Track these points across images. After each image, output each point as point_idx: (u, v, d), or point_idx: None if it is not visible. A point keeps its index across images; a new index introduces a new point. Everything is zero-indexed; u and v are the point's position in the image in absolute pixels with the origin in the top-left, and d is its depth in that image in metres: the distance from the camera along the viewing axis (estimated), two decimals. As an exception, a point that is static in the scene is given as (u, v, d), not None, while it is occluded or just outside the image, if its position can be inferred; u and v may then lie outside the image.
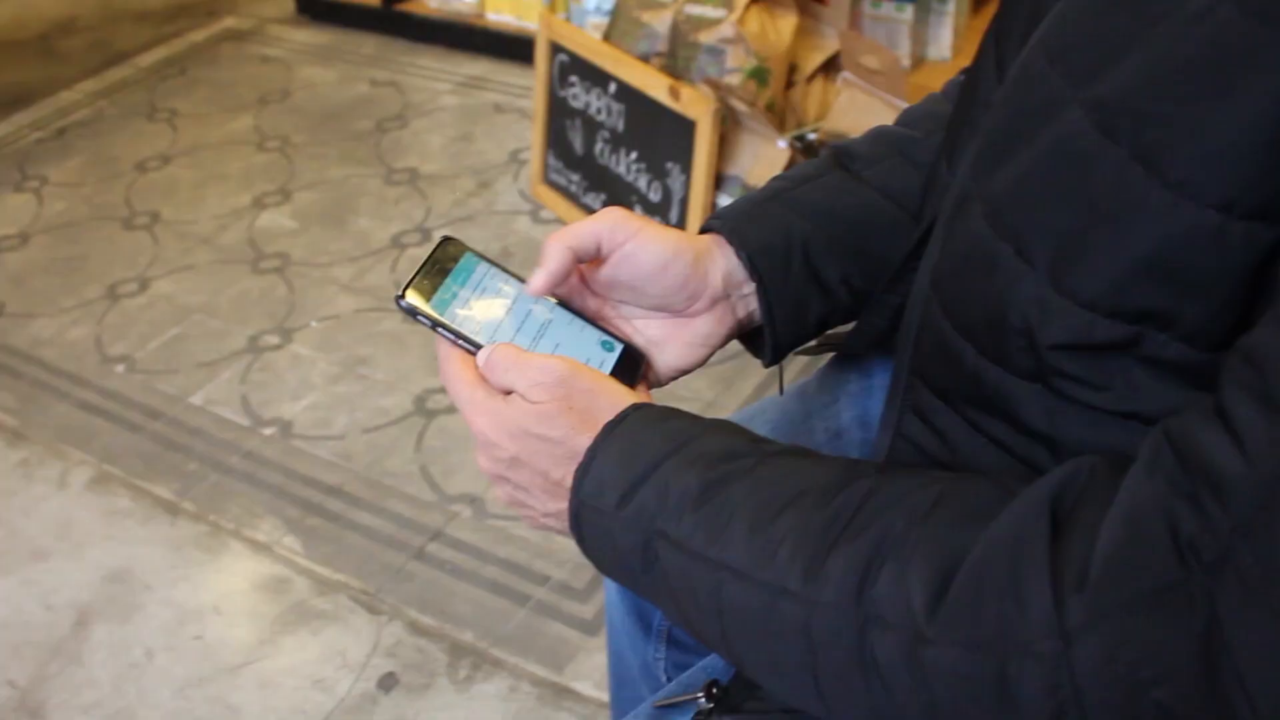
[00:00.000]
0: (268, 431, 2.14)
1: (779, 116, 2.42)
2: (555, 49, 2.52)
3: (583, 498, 0.69)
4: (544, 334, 0.78)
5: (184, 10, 3.85)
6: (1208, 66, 0.52)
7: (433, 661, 1.73)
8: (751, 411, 1.03)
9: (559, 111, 2.55)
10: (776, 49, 2.33)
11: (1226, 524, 0.50)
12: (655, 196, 2.30)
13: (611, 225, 0.78)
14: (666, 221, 2.28)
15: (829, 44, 2.44)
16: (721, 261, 0.81)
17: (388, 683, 1.71)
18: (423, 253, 2.49)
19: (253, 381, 2.26)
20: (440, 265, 0.79)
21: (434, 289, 0.77)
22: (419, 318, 0.76)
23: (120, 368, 2.33)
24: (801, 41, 2.43)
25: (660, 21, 2.42)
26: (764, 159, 2.13)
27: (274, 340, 2.35)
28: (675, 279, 0.79)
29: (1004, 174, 0.61)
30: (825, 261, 0.83)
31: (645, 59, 2.43)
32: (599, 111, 2.42)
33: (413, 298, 0.76)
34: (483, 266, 0.80)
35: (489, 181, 2.78)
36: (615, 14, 2.53)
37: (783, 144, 2.08)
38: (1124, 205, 0.55)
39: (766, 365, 0.86)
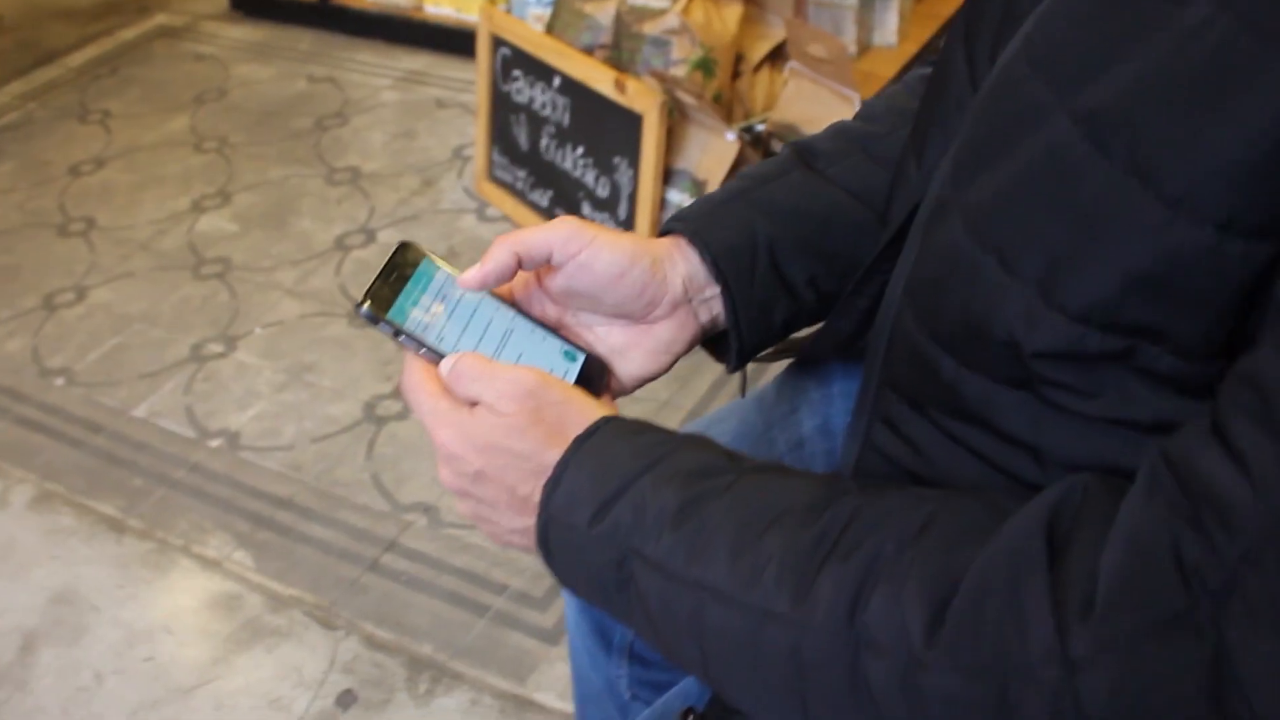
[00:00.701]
0: (214, 443, 2.09)
1: (726, 107, 2.39)
2: (497, 42, 2.48)
3: (552, 513, 0.66)
4: (506, 343, 0.76)
5: (113, 7, 3.76)
6: (1206, 81, 0.50)
7: (391, 676, 1.70)
8: (708, 421, 1.01)
9: (503, 106, 2.51)
10: (722, 39, 2.31)
11: (1233, 552, 0.49)
12: (603, 192, 2.27)
13: (565, 235, 0.75)
14: (615, 217, 2.25)
15: (775, 33, 2.42)
16: (682, 265, 0.79)
17: (346, 700, 1.67)
18: (369, 255, 2.47)
19: (197, 392, 2.21)
20: (399, 271, 0.76)
21: (394, 296, 0.74)
22: (380, 326, 0.73)
23: (60, 381, 2.27)
24: (747, 30, 2.41)
25: (603, 13, 2.39)
26: (713, 152, 2.10)
27: (218, 348, 2.30)
28: (633, 286, 0.77)
29: (985, 184, 0.59)
30: (791, 262, 0.80)
31: (589, 51, 2.39)
32: (543, 106, 2.38)
33: (373, 305, 0.73)
34: (442, 272, 0.78)
35: (433, 179, 2.74)
36: (557, 5, 2.49)
37: (731, 136, 2.06)
38: (1118, 220, 0.53)
39: (730, 371, 0.84)
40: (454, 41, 3.20)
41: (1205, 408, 0.53)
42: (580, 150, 2.31)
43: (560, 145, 2.36)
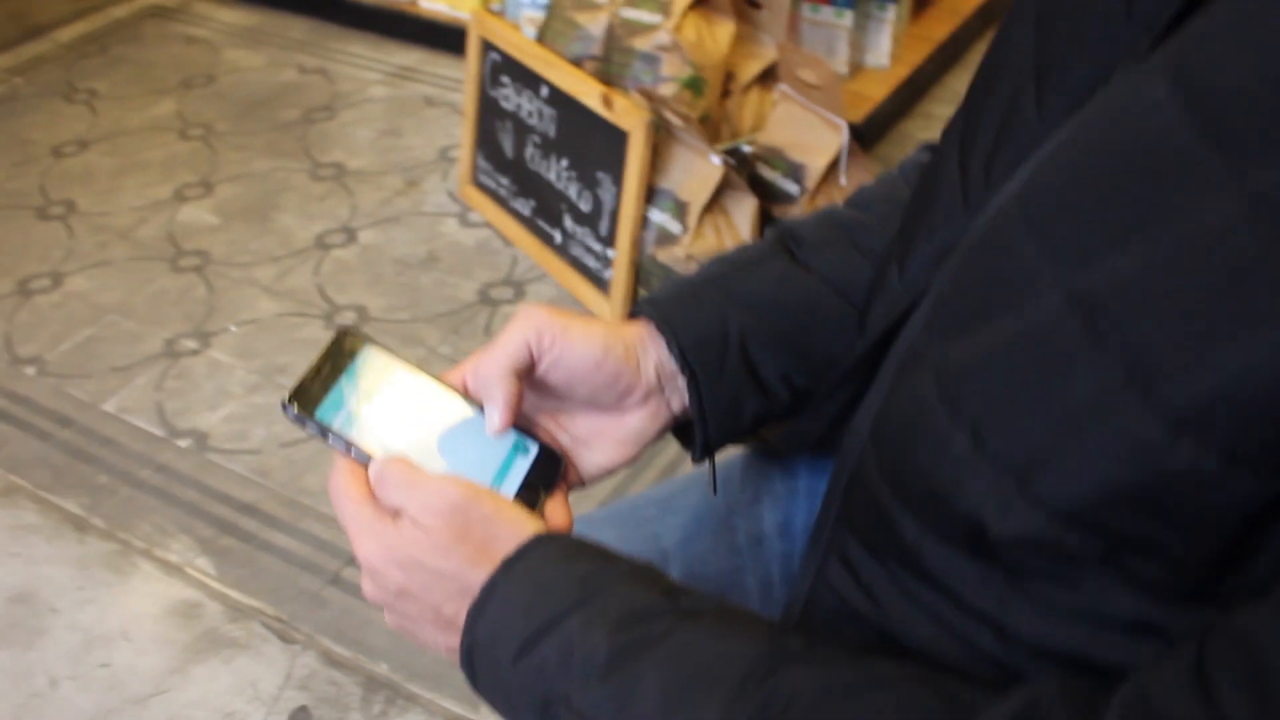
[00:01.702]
0: (182, 443, 2.08)
1: (714, 126, 2.38)
2: (487, 47, 2.46)
3: (476, 638, 0.63)
4: (451, 437, 0.72)
5: (106, -17, 3.73)
6: (1223, 296, 0.45)
7: (347, 695, 1.69)
8: (673, 489, 0.98)
9: (490, 112, 2.49)
10: (713, 58, 2.29)
11: None
12: (585, 206, 2.25)
13: (537, 330, 0.71)
14: (595, 232, 2.24)
15: (767, 53, 2.40)
16: (654, 352, 0.75)
17: (300, 717, 1.66)
18: (349, 255, 2.46)
19: (168, 389, 2.19)
20: (334, 362, 0.72)
21: (326, 390, 0.71)
22: (307, 426, 0.70)
23: (30, 370, 2.26)
24: (739, 50, 2.39)
25: (595, 24, 2.37)
26: (697, 174, 2.09)
27: (191, 345, 2.29)
28: (606, 377, 0.73)
29: (963, 347, 0.55)
30: (764, 357, 0.77)
31: (579, 62, 2.37)
32: (530, 115, 2.36)
33: (299, 404, 0.70)
34: (383, 361, 0.74)
35: (417, 180, 2.72)
36: (549, 13, 2.47)
37: (716, 160, 2.05)
38: (1109, 426, 0.48)
39: (695, 461, 0.80)
40: (447, 38, 3.18)
41: (1192, 621, 0.49)
42: (565, 162, 2.29)
43: (545, 155, 2.35)
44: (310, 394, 0.70)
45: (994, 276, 0.55)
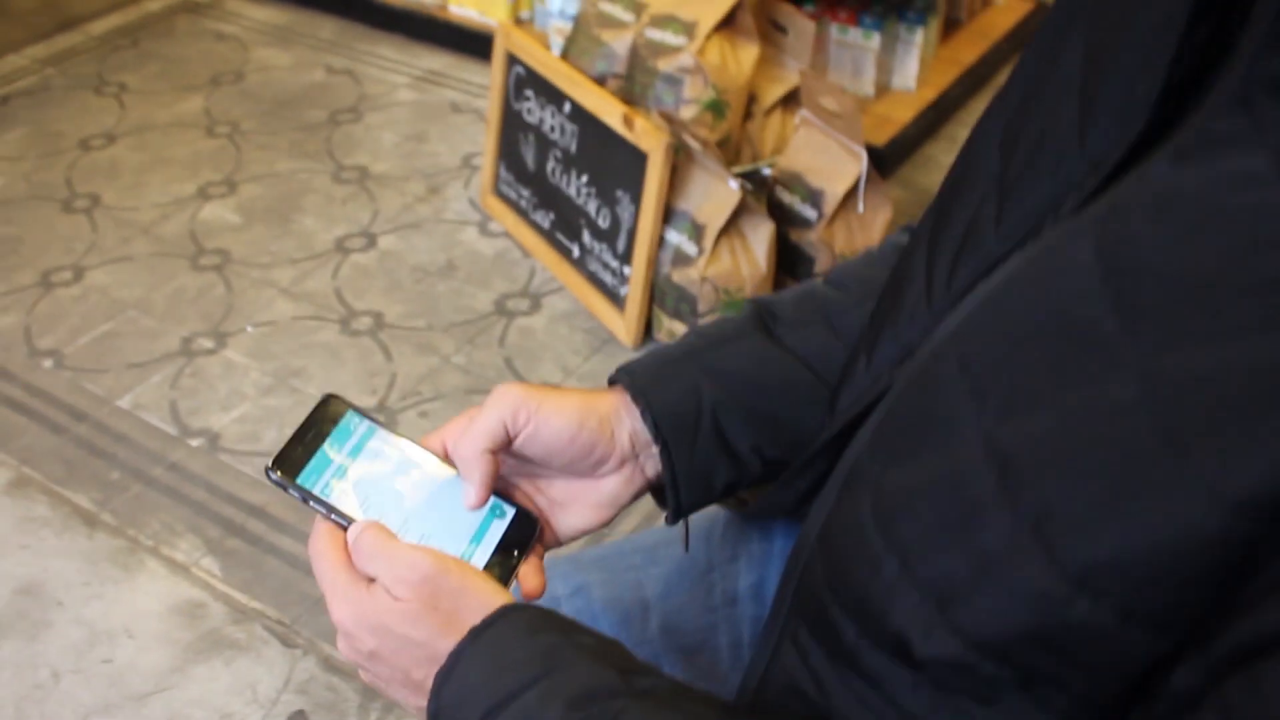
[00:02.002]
0: (195, 443, 2.10)
1: (735, 148, 2.39)
2: (512, 60, 2.48)
3: (443, 703, 0.66)
4: (428, 501, 0.75)
5: (142, -24, 3.76)
6: (1118, 469, 0.48)
7: (344, 702, 1.71)
8: (659, 538, 1.00)
9: (513, 124, 2.51)
10: (736, 81, 2.30)
11: None
12: (604, 223, 2.27)
13: (512, 409, 0.74)
14: (613, 249, 2.25)
15: (790, 77, 2.41)
16: (629, 421, 0.78)
17: (297, 722, 1.68)
18: (368, 260, 2.48)
19: (183, 387, 2.21)
20: (318, 429, 0.75)
21: (308, 457, 0.73)
22: (289, 490, 0.72)
23: (48, 363, 2.28)
24: (763, 73, 2.41)
25: (620, 42, 2.39)
26: (715, 197, 2.10)
27: (208, 344, 2.31)
28: (582, 448, 0.76)
29: (896, 476, 0.58)
30: (736, 430, 0.79)
31: (602, 79, 2.39)
32: (552, 130, 2.38)
33: (282, 470, 0.72)
34: (364, 427, 0.77)
35: (439, 187, 2.74)
36: (575, 29, 2.49)
37: (734, 185, 2.06)
38: (1016, 574, 0.51)
39: (669, 524, 0.82)
40: (475, 44, 3.20)
41: None
42: (585, 178, 2.31)
43: (566, 170, 2.36)
44: (293, 459, 0.73)
45: (928, 412, 0.58)
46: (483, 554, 0.74)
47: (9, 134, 2.97)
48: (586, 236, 2.33)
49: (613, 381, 0.80)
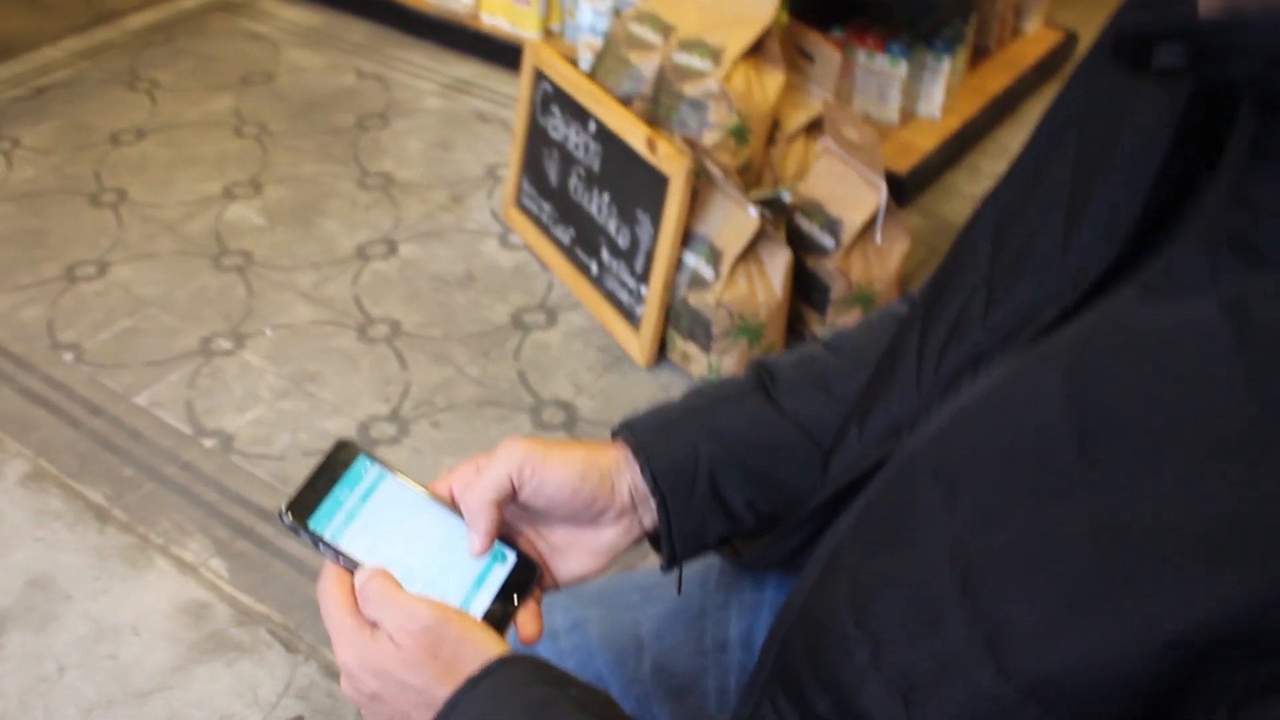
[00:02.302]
0: (208, 443, 2.13)
1: (757, 173, 2.41)
2: (540, 76, 2.50)
3: None
4: (433, 546, 0.77)
5: (179, -28, 3.80)
6: (1065, 591, 0.50)
7: (343, 708, 1.73)
8: (654, 579, 1.02)
9: (537, 138, 2.53)
10: (760, 108, 2.32)
11: None
12: (623, 242, 2.29)
13: (519, 463, 0.78)
14: (631, 268, 2.27)
15: (815, 104, 2.43)
16: (629, 475, 0.81)
17: (296, 727, 1.70)
18: (388, 268, 2.50)
19: (199, 387, 2.24)
20: (330, 473, 0.77)
21: (320, 499, 0.76)
22: (300, 535, 0.74)
23: (69, 356, 2.31)
24: (788, 99, 2.42)
25: (647, 64, 2.41)
26: (734, 223, 2.12)
27: (226, 345, 2.34)
28: (584, 500, 0.79)
29: (871, 568, 0.60)
30: (731, 486, 0.82)
31: (628, 100, 2.41)
32: (576, 147, 2.40)
33: (295, 514, 0.75)
34: (375, 472, 0.79)
35: (462, 196, 2.76)
36: (605, 48, 2.51)
37: (753, 212, 2.07)
38: (971, 677, 0.53)
39: (664, 571, 0.85)
40: (504, 54, 3.23)
41: None
42: (606, 197, 2.33)
43: (588, 188, 2.38)
44: (305, 504, 0.76)
45: (904, 512, 0.60)
46: (485, 597, 0.77)
47: (41, 126, 3.01)
48: (605, 254, 2.35)
49: (615, 435, 0.84)
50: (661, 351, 2.29)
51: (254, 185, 2.79)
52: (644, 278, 2.25)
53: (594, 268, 2.39)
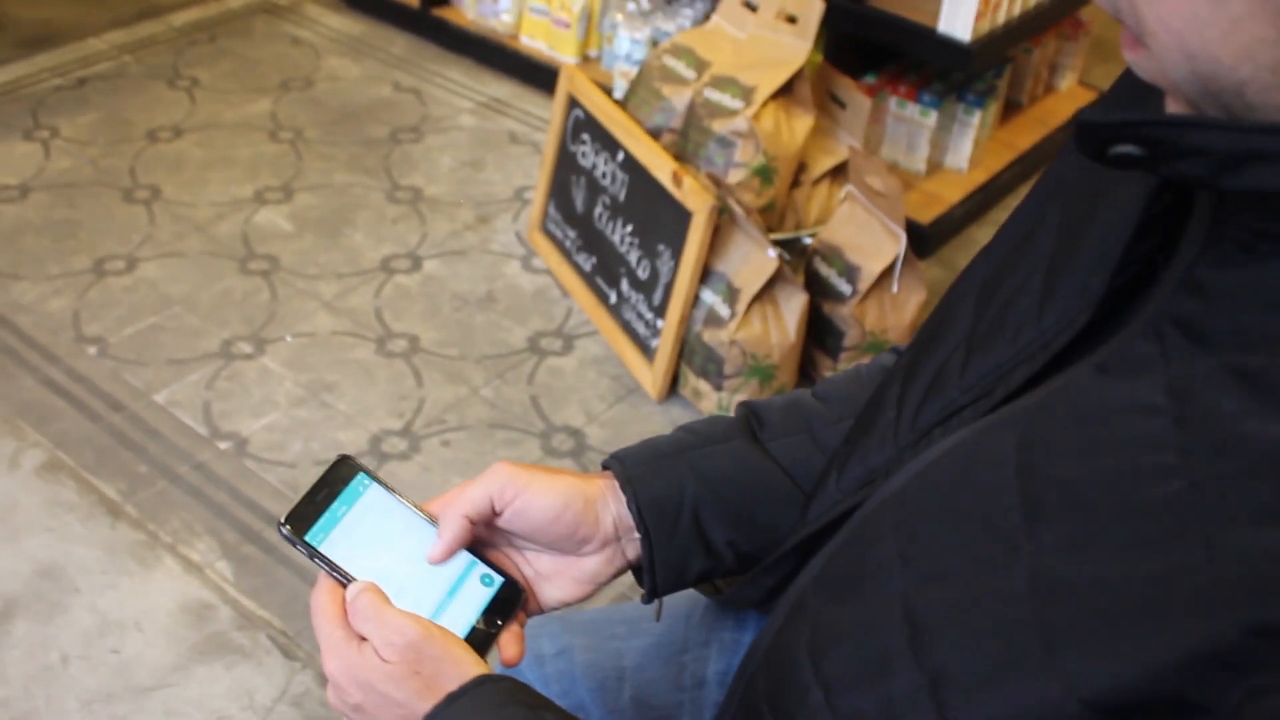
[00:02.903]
0: (223, 445, 2.16)
1: (780, 214, 2.44)
2: (573, 103, 2.54)
3: None
4: (423, 567, 0.81)
5: (226, -28, 3.86)
6: (1001, 648, 0.53)
7: (336, 718, 1.76)
8: (640, 612, 1.05)
9: (566, 165, 2.57)
10: (787, 149, 2.35)
11: None
12: (643, 273, 2.32)
13: (500, 485, 0.81)
14: (649, 300, 2.30)
15: (841, 150, 2.46)
16: (614, 506, 0.84)
17: (289, 734, 1.74)
18: (411, 283, 2.54)
19: (218, 389, 2.28)
20: (329, 489, 0.81)
21: (317, 515, 0.79)
22: (297, 546, 0.78)
23: (92, 349, 2.35)
24: (815, 143, 2.45)
25: (679, 99, 2.44)
26: (753, 263, 2.15)
27: (247, 349, 2.38)
28: (566, 527, 0.82)
29: (830, 614, 0.63)
30: (714, 525, 0.85)
31: (658, 133, 2.44)
32: (604, 176, 2.44)
33: (293, 526, 0.78)
34: (373, 490, 0.82)
35: (489, 216, 2.80)
36: (638, 79, 2.54)
37: (772, 254, 2.10)
38: None
39: (645, 602, 0.89)
40: (540, 76, 3.27)
41: None
42: (630, 228, 2.36)
43: (612, 218, 2.41)
44: (304, 516, 0.79)
45: (863, 563, 0.63)
46: (471, 618, 0.80)
47: (82, 117, 3.06)
48: (625, 285, 2.38)
49: (605, 466, 0.87)
50: (673, 386, 2.32)
51: (285, 191, 2.84)
52: (661, 311, 2.28)
53: (613, 297, 2.43)
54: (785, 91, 2.37)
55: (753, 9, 2.48)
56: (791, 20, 2.39)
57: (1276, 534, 0.45)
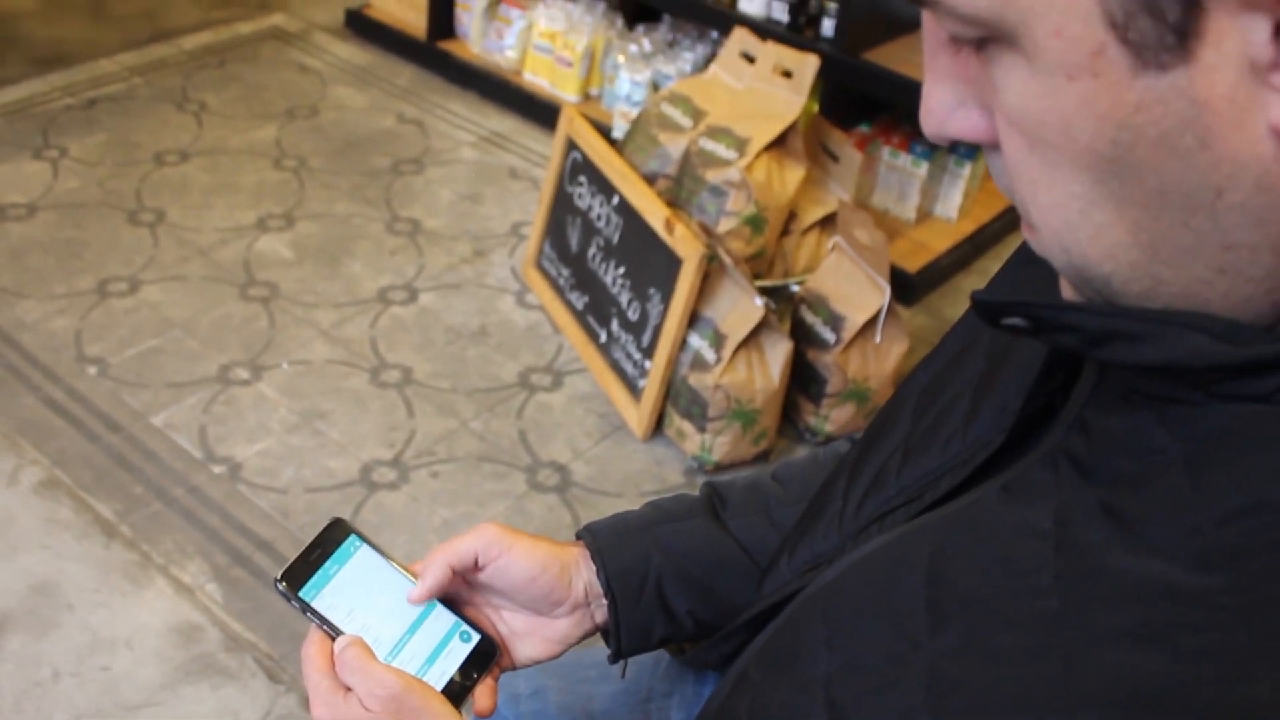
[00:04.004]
0: (217, 469, 2.22)
1: (769, 261, 2.50)
2: (571, 145, 2.60)
3: None
4: (407, 621, 0.87)
5: (238, -3, 3.93)
6: None
7: (318, 743, 1.81)
8: (605, 658, 1.12)
9: (563, 204, 2.63)
10: (779, 200, 2.42)
11: None
12: (633, 315, 2.38)
13: (487, 543, 0.88)
14: (638, 342, 2.36)
15: (832, 201, 2.53)
16: (585, 574, 0.92)
17: (271, 757, 1.79)
18: (407, 314, 2.59)
19: (214, 414, 2.34)
20: (323, 548, 0.88)
21: (311, 572, 0.86)
22: (291, 602, 0.84)
23: (93, 370, 2.41)
24: (806, 193, 2.52)
25: (674, 146, 2.51)
26: (740, 311, 2.21)
27: (244, 375, 2.43)
28: (542, 589, 0.89)
29: (765, 689, 0.69)
30: (675, 595, 0.93)
31: (653, 178, 2.51)
32: (599, 218, 2.50)
33: (288, 582, 0.85)
34: (364, 551, 0.89)
35: (485, 251, 2.86)
36: (636, 125, 2.61)
37: (759, 302, 2.17)
38: None
39: (611, 662, 0.95)
40: (542, 113, 3.34)
41: None
42: (622, 270, 2.42)
43: (605, 259, 2.48)
44: (298, 573, 0.86)
45: (796, 646, 0.69)
46: (449, 671, 0.87)
47: (91, 138, 3.12)
48: (615, 325, 2.44)
49: (579, 536, 0.94)
50: (659, 426, 2.38)
51: (287, 219, 2.90)
52: (649, 352, 2.34)
53: (603, 336, 2.49)
54: (778, 143, 2.43)
55: (750, 60, 2.55)
56: (787, 75, 2.46)
57: (1126, 657, 0.51)
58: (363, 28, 3.76)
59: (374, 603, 0.87)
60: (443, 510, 2.17)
